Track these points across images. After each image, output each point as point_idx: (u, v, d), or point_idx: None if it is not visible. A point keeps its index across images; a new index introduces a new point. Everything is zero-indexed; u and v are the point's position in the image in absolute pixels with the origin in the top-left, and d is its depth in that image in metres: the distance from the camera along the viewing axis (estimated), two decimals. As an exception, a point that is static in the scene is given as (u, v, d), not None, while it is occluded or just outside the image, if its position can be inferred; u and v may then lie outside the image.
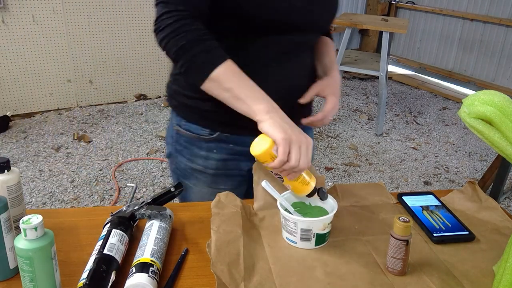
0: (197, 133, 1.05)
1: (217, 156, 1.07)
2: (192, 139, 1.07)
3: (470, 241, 0.90)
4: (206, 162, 1.07)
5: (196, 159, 1.08)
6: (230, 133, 1.04)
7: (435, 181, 3.03)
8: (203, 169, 1.08)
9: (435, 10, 5.11)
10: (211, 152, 1.06)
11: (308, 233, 0.83)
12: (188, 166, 1.10)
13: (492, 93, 0.70)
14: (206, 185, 1.11)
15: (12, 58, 3.58)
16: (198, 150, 1.07)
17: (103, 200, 2.61)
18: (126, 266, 0.77)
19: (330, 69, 1.10)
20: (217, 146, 1.06)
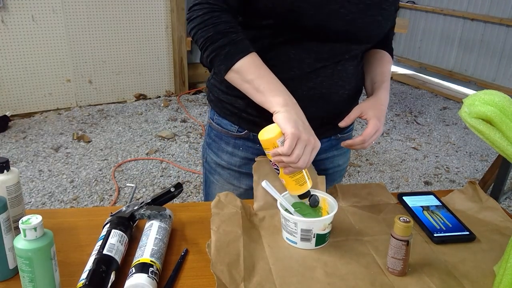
0: (226, 129, 1.07)
1: (242, 154, 1.07)
2: (221, 134, 1.08)
3: (470, 241, 0.90)
4: (231, 158, 1.08)
5: (222, 154, 1.09)
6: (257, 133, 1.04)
7: (435, 181, 3.03)
8: (227, 165, 1.10)
9: (435, 10, 5.11)
10: (237, 149, 1.07)
11: (309, 233, 0.83)
12: (213, 161, 1.12)
13: (493, 93, 0.70)
14: (229, 181, 1.12)
15: (12, 58, 3.58)
16: (225, 146, 1.08)
17: (102, 200, 2.61)
18: (126, 266, 0.76)
19: (378, 87, 1.04)
20: (243, 144, 1.06)
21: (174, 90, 4.39)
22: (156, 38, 4.15)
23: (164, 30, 4.16)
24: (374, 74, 1.07)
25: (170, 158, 3.14)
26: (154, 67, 4.22)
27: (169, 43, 4.21)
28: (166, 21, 4.14)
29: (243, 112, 1.03)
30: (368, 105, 1.00)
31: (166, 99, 4.27)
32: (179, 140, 3.43)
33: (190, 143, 3.38)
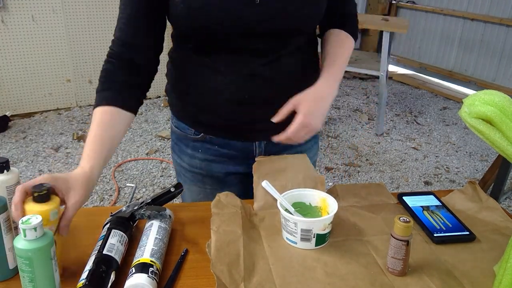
0: (184, 132, 1.08)
1: (202, 156, 1.07)
2: (180, 137, 1.09)
3: (470, 241, 0.90)
4: (192, 161, 1.09)
5: (183, 157, 1.10)
6: (214, 136, 1.04)
7: (435, 181, 3.03)
8: (189, 167, 1.10)
9: (435, 10, 5.11)
10: (197, 151, 1.07)
11: (309, 233, 0.83)
12: (178, 163, 1.13)
13: (493, 93, 0.70)
14: (193, 183, 1.12)
15: (12, 58, 3.58)
16: (185, 148, 1.09)
17: (102, 200, 2.61)
18: (126, 266, 0.76)
19: (321, 73, 0.99)
20: (202, 147, 1.07)
21: (174, 90, 4.39)
22: (156, 38, 4.14)
23: (164, 30, 4.16)
24: (323, 56, 1.03)
25: (170, 158, 3.14)
26: (154, 67, 4.22)
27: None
28: (166, 21, 4.14)
29: (197, 115, 1.03)
30: (302, 97, 0.93)
31: (166, 99, 4.27)
32: (179, 140, 3.43)
33: (190, 143, 3.38)
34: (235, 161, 1.07)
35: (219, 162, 1.07)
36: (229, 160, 1.07)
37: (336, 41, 1.05)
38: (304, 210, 0.91)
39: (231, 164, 1.07)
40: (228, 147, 1.05)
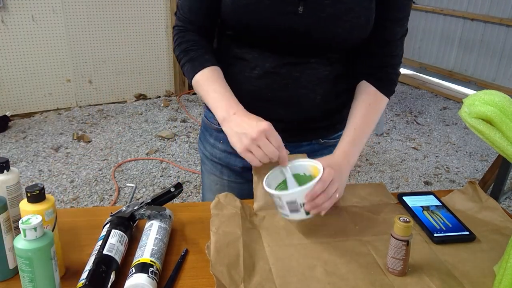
0: (210, 121, 1.11)
1: (222, 147, 1.10)
2: (207, 126, 1.13)
3: (470, 241, 0.90)
4: (213, 150, 1.12)
5: (207, 145, 1.14)
6: None
7: (435, 181, 3.03)
8: (210, 156, 1.13)
9: (435, 10, 5.11)
10: (218, 142, 1.10)
11: (294, 204, 0.83)
12: (201, 151, 1.17)
13: (493, 93, 0.70)
14: (212, 172, 1.15)
15: (12, 58, 3.58)
16: (209, 137, 1.13)
17: (102, 200, 2.61)
18: (126, 266, 0.76)
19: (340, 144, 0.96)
20: (224, 138, 1.07)
21: (174, 90, 4.39)
22: (156, 38, 4.15)
23: (164, 30, 4.16)
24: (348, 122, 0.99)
25: (170, 158, 3.14)
26: (154, 67, 4.22)
27: (169, 43, 4.21)
28: (166, 21, 4.14)
29: None
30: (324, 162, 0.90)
31: (166, 99, 4.27)
32: (179, 140, 3.43)
33: (190, 143, 3.38)
34: None
35: (237, 155, 1.07)
36: None
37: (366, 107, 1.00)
38: (300, 181, 0.90)
39: None
40: None
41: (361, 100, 1.01)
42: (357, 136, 0.97)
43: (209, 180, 1.17)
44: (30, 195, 0.71)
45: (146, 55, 4.12)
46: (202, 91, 0.95)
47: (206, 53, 0.98)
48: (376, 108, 1.02)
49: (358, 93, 1.02)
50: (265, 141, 0.84)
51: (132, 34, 4.01)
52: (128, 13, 3.95)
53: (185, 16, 0.99)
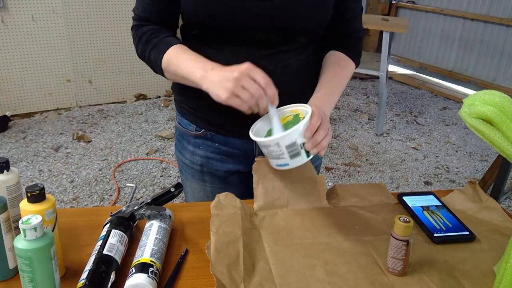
0: (186, 128, 1.09)
1: (203, 153, 1.08)
2: (182, 133, 1.11)
3: (470, 241, 0.90)
4: (193, 157, 1.10)
5: (185, 153, 1.11)
6: (215, 133, 1.05)
7: (435, 181, 3.03)
8: (190, 163, 1.11)
9: (435, 10, 5.11)
10: (198, 148, 1.08)
11: (294, 147, 0.80)
12: (180, 160, 1.14)
13: (493, 93, 0.70)
14: (194, 180, 1.13)
15: (12, 58, 3.58)
16: (187, 144, 1.10)
17: (102, 200, 2.61)
18: (126, 266, 0.76)
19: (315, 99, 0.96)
20: (203, 143, 1.08)
21: (174, 90, 4.39)
22: (156, 38, 4.14)
23: (164, 30, 4.16)
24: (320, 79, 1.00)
25: (170, 158, 3.14)
26: (154, 67, 4.22)
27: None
28: (166, 21, 4.14)
29: (199, 112, 1.05)
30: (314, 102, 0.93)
31: (166, 99, 4.27)
32: (179, 140, 3.43)
33: (190, 143, 3.38)
34: (235, 159, 1.08)
35: (219, 160, 1.08)
36: (229, 158, 1.08)
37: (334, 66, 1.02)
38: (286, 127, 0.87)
39: (231, 162, 1.08)
40: (228, 144, 1.06)
41: (330, 62, 1.03)
42: (329, 88, 0.98)
43: (191, 188, 1.15)
44: (30, 195, 0.71)
45: (146, 55, 4.12)
46: (174, 66, 0.91)
47: (168, 36, 0.96)
48: (345, 70, 1.03)
49: (327, 57, 1.04)
50: (249, 81, 0.80)
51: (132, 34, 4.01)
52: (128, 13, 3.94)
53: (140, 15, 0.98)
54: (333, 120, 3.94)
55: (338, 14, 1.00)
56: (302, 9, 0.92)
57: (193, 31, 0.98)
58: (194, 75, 0.87)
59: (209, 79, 0.84)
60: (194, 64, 0.88)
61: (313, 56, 1.04)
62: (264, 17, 0.90)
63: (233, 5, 0.88)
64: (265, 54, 0.95)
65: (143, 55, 0.98)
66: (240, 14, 0.89)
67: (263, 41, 0.94)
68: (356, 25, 1.08)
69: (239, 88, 0.80)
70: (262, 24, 0.91)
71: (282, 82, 0.95)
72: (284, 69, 0.97)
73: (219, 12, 0.89)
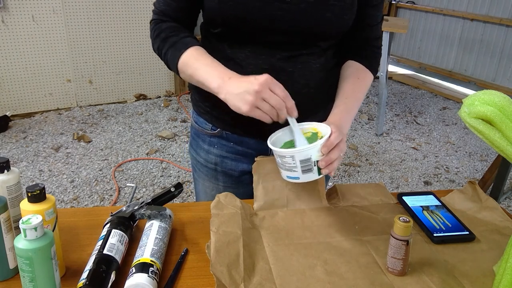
0: (202, 127, 1.09)
1: (217, 152, 1.08)
2: (198, 132, 1.11)
3: (470, 241, 0.90)
4: (207, 156, 1.10)
5: (200, 152, 1.12)
6: (231, 132, 1.05)
7: (435, 181, 3.03)
8: (205, 162, 1.12)
9: (435, 10, 5.11)
10: (212, 147, 1.09)
11: (308, 162, 0.81)
12: (194, 158, 1.15)
13: (493, 93, 0.70)
14: (207, 179, 1.13)
15: (12, 58, 3.58)
16: (202, 143, 1.11)
17: (103, 200, 2.61)
18: (126, 266, 0.77)
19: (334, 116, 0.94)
20: (218, 142, 1.08)
21: (174, 90, 4.39)
22: (156, 38, 4.14)
23: (164, 30, 4.16)
24: (338, 93, 1.00)
25: (170, 158, 3.14)
26: (154, 67, 4.22)
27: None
28: (166, 21, 4.14)
29: (214, 111, 1.05)
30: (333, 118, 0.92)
31: (166, 99, 4.27)
32: (179, 140, 3.43)
33: (190, 143, 3.38)
34: (250, 159, 1.08)
35: (233, 159, 1.08)
36: (244, 158, 1.08)
37: (354, 79, 1.01)
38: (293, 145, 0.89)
39: (246, 162, 1.08)
40: (243, 144, 1.06)
41: (349, 74, 1.02)
42: (349, 105, 0.97)
43: (204, 187, 1.16)
44: (30, 195, 0.71)
45: (146, 55, 4.12)
46: (191, 69, 0.91)
47: (187, 36, 0.96)
48: (364, 82, 1.03)
49: (345, 68, 1.04)
50: (269, 93, 0.81)
51: (132, 34, 4.01)
52: (128, 13, 3.94)
53: (161, 9, 0.98)
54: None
55: (359, 21, 0.99)
56: (327, 14, 0.91)
57: (215, 29, 0.97)
58: (211, 83, 0.87)
59: (227, 89, 0.84)
60: (211, 71, 0.88)
61: (332, 59, 1.03)
62: (288, 20, 0.90)
63: (258, 6, 0.88)
64: (285, 56, 0.95)
65: (160, 52, 0.97)
66: (265, 15, 0.89)
67: (284, 43, 0.94)
68: (375, 33, 1.06)
69: (259, 101, 0.81)
70: (286, 27, 0.91)
71: (300, 85, 0.97)
72: (303, 71, 0.97)
73: (244, 13, 0.89)
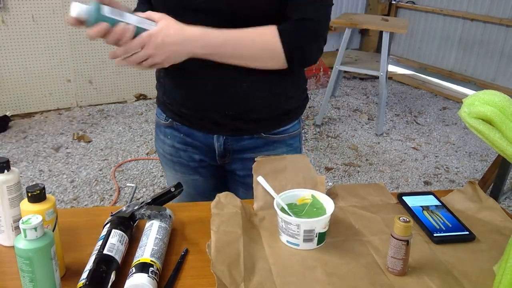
0: (159, 117, 1.14)
1: (170, 142, 1.12)
2: (157, 122, 1.15)
3: (470, 241, 0.90)
4: (163, 146, 1.15)
5: (159, 142, 1.16)
6: (180, 123, 1.08)
7: (435, 181, 3.03)
8: (163, 152, 1.16)
9: (435, 10, 5.11)
10: (166, 137, 1.13)
11: (311, 233, 0.83)
12: (157, 149, 1.19)
13: (493, 93, 0.70)
14: (168, 168, 1.18)
15: (12, 58, 3.58)
16: (159, 133, 1.15)
17: (103, 200, 2.61)
18: (126, 266, 0.77)
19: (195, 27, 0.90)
20: (171, 133, 1.11)
21: (174, 90, 4.39)
22: (156, 38, 4.14)
23: (164, 30, 4.16)
24: None
25: (170, 158, 3.14)
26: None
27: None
28: (166, 21, 4.14)
29: (165, 101, 1.08)
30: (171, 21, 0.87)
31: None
32: (179, 140, 3.43)
33: (190, 143, 3.38)
34: (200, 150, 1.10)
35: (184, 150, 1.11)
36: (194, 149, 1.10)
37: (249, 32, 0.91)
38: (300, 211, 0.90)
39: (196, 153, 1.11)
40: (191, 136, 1.09)
41: None
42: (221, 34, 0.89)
43: (168, 177, 1.22)
44: (30, 195, 0.71)
45: (146, 55, 4.12)
46: None
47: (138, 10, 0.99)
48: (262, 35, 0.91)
49: None
50: None
51: (132, 34, 4.01)
52: (128, 13, 3.94)
53: None
54: (333, 120, 3.95)
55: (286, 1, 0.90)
56: None
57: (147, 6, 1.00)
58: None
59: None
60: None
61: None
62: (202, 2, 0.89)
63: None
64: None
65: None
66: None
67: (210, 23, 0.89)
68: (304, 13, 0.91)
69: None
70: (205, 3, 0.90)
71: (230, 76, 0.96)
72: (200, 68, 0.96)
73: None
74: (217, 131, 1.06)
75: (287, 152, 1.09)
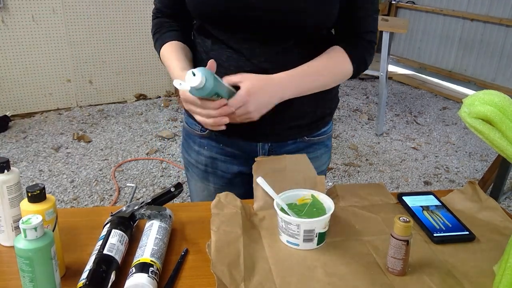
0: (192, 128, 1.10)
1: (207, 153, 1.09)
2: (189, 133, 1.12)
3: (470, 241, 0.90)
4: (198, 157, 1.11)
5: (191, 152, 1.12)
6: (219, 133, 1.05)
7: (435, 181, 3.03)
8: (195, 163, 1.12)
9: (435, 10, 5.11)
10: (203, 148, 1.09)
11: (311, 233, 0.83)
12: (186, 159, 1.15)
13: (493, 93, 0.70)
14: (199, 179, 1.14)
15: (12, 58, 3.58)
16: (192, 144, 1.11)
17: (103, 200, 2.61)
18: (126, 266, 0.77)
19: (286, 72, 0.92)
20: (208, 144, 1.08)
21: (174, 90, 4.39)
22: (156, 38, 4.15)
23: (164, 30, 4.16)
24: None
25: (170, 158, 3.14)
26: (154, 67, 4.22)
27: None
28: (166, 21, 4.14)
29: None
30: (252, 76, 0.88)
31: (166, 99, 4.27)
32: (179, 140, 3.43)
33: (190, 143, 3.38)
34: (239, 161, 1.08)
35: (223, 160, 1.08)
36: (233, 159, 1.08)
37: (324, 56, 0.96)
38: (299, 211, 0.91)
39: (235, 163, 1.08)
40: (232, 146, 1.06)
41: (324, 53, 0.97)
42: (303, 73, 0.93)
43: (196, 187, 1.16)
44: (30, 195, 0.71)
45: (146, 55, 4.12)
46: (166, 64, 1.00)
47: (169, 31, 1.03)
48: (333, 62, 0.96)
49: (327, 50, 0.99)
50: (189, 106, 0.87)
51: (132, 34, 4.01)
52: (128, 13, 3.95)
53: (156, 6, 1.08)
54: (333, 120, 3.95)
55: (348, 13, 0.95)
56: (301, 4, 0.88)
57: (196, 24, 1.02)
58: None
59: None
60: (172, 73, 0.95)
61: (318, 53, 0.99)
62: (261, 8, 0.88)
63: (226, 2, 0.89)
64: (266, 51, 0.93)
65: (155, 47, 1.06)
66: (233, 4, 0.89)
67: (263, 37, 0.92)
68: (366, 26, 1.00)
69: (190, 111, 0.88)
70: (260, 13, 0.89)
71: None
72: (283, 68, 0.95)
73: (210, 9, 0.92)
74: (264, 139, 1.05)
75: (325, 152, 1.13)
